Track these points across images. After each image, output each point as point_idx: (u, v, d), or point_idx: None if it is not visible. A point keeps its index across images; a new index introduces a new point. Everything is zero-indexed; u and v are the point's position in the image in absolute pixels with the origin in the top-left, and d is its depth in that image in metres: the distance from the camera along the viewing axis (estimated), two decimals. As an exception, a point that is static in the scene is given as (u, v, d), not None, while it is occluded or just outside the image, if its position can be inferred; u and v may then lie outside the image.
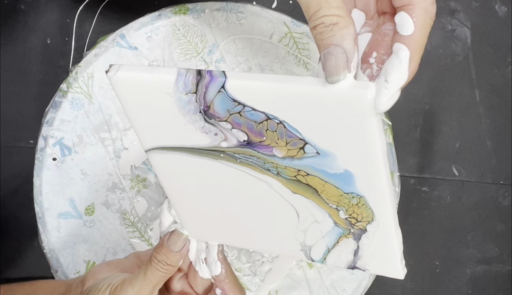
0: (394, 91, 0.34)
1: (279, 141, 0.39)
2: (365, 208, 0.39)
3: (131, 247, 0.59)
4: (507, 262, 0.63)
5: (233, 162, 0.42)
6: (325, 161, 0.38)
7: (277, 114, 0.38)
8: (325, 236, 0.42)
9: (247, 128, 0.40)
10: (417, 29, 0.34)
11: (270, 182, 0.41)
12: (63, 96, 0.58)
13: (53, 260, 0.58)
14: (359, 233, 0.40)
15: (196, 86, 0.40)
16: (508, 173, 0.63)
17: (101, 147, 0.59)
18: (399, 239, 0.41)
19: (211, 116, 0.40)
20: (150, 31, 0.58)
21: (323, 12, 0.35)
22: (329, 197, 0.40)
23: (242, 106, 0.39)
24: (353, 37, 0.34)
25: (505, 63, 0.62)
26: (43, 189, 0.58)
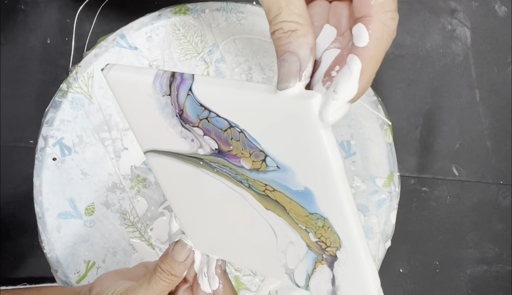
0: (342, 103, 0.33)
1: (243, 152, 0.38)
2: (331, 232, 0.37)
3: (131, 247, 0.59)
4: (507, 262, 0.63)
5: (211, 170, 0.41)
6: (286, 176, 0.37)
7: (237, 122, 0.37)
8: (303, 260, 0.40)
9: (216, 135, 0.39)
10: (372, 41, 0.33)
11: (245, 195, 0.40)
12: (63, 96, 0.58)
13: (53, 260, 0.58)
14: (331, 260, 0.39)
15: (169, 88, 0.39)
16: (508, 173, 0.62)
17: (101, 147, 0.59)
18: (372, 271, 0.38)
19: (186, 121, 0.40)
20: (150, 31, 0.58)
21: (282, 18, 0.34)
22: (297, 216, 0.38)
23: (208, 112, 0.38)
24: (310, 46, 0.34)
25: (505, 63, 0.62)
26: (43, 189, 0.58)
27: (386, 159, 0.59)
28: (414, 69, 0.62)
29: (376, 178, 0.60)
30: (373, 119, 0.59)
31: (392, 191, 0.59)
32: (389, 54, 0.63)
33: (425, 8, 0.62)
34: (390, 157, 0.60)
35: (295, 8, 0.34)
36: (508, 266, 0.63)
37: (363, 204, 0.59)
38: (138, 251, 0.59)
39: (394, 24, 0.34)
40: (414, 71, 0.62)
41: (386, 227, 0.59)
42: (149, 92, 0.40)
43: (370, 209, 0.59)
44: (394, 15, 0.34)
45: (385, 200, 0.59)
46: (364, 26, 0.33)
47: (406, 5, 0.62)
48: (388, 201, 0.59)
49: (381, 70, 0.64)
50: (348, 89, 0.33)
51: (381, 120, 0.59)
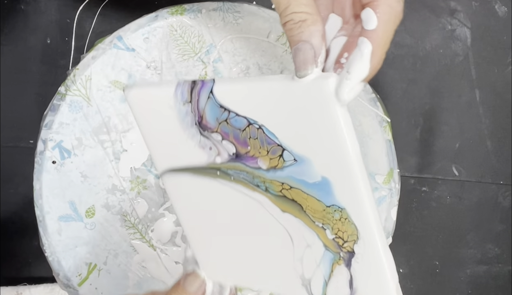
0: (355, 82, 0.35)
1: (261, 150, 0.40)
2: (348, 223, 0.38)
3: (132, 248, 0.59)
4: (507, 262, 0.63)
5: (228, 179, 0.42)
6: (303, 168, 0.38)
7: (256, 117, 0.39)
8: (320, 264, 0.41)
9: (234, 137, 0.40)
10: (380, 24, 0.36)
11: (261, 200, 0.41)
12: (61, 99, 0.58)
13: (55, 263, 0.58)
14: (348, 257, 0.39)
15: (190, 94, 0.41)
16: (508, 173, 0.62)
17: (101, 149, 0.59)
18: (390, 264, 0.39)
19: (205, 128, 0.41)
20: (147, 33, 0.58)
21: (292, 9, 0.36)
22: (314, 213, 0.39)
23: (227, 113, 0.40)
24: (321, 33, 0.36)
25: (505, 63, 0.61)
26: (43, 192, 0.58)
27: (386, 156, 0.59)
28: (414, 69, 0.62)
29: (376, 175, 0.59)
30: (371, 117, 0.59)
31: (392, 188, 0.59)
32: (389, 54, 0.63)
33: (425, 8, 0.61)
34: (390, 153, 0.59)
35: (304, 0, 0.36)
36: (508, 266, 0.63)
37: (363, 201, 0.59)
38: (139, 252, 0.59)
39: (399, 6, 0.37)
40: (414, 71, 0.62)
41: (387, 224, 0.59)
42: (170, 104, 0.42)
43: (370, 206, 0.59)
44: None
45: (385, 197, 0.59)
46: (372, 10, 0.36)
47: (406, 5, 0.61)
48: (389, 197, 0.59)
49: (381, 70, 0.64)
50: (361, 69, 0.36)
51: (380, 118, 0.59)
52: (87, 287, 0.58)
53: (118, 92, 0.58)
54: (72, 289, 0.58)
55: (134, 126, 0.59)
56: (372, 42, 0.36)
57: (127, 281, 0.59)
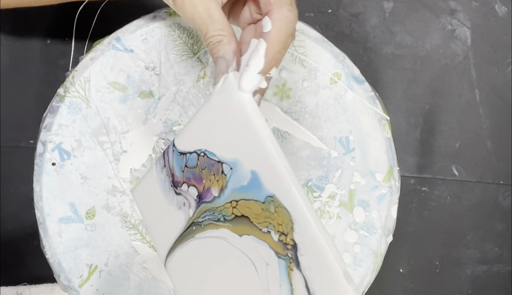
0: (252, 73, 0.43)
1: (210, 177, 0.45)
2: (282, 210, 0.42)
3: (133, 249, 0.59)
4: (507, 262, 0.63)
5: (201, 230, 0.47)
6: (237, 173, 0.43)
7: (201, 146, 0.45)
8: (281, 282, 0.43)
9: (193, 178, 0.46)
10: (273, 27, 0.44)
11: (224, 234, 0.45)
12: (60, 101, 0.57)
13: (56, 265, 0.58)
14: (294, 254, 0.42)
15: (163, 158, 0.48)
16: (508, 173, 0.63)
17: (100, 151, 0.59)
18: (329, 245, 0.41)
19: (176, 184, 0.47)
20: (146, 33, 0.58)
21: (210, 33, 0.46)
22: (258, 218, 0.43)
23: (185, 157, 0.46)
24: (233, 50, 0.46)
25: (505, 63, 0.61)
26: (43, 194, 0.58)
27: (385, 153, 0.59)
28: (414, 69, 0.62)
29: (376, 173, 0.59)
30: (371, 115, 0.59)
31: (392, 186, 0.59)
32: (389, 54, 0.63)
33: (425, 8, 0.61)
34: (389, 151, 0.59)
35: (218, 24, 0.46)
36: (508, 266, 0.63)
37: (363, 199, 0.59)
38: (140, 253, 0.59)
39: (291, 14, 0.44)
40: (414, 71, 0.62)
41: (387, 222, 0.59)
42: (155, 178, 0.49)
43: (370, 204, 0.59)
44: (290, 8, 0.44)
45: (386, 195, 0.59)
46: (268, 17, 0.44)
47: (406, 5, 0.62)
48: (389, 195, 0.59)
49: (381, 70, 0.64)
50: (257, 63, 0.43)
51: (379, 115, 0.59)
52: (88, 289, 0.58)
53: (117, 94, 0.58)
54: (73, 291, 0.58)
55: (133, 127, 0.59)
56: (266, 42, 0.43)
57: (128, 282, 0.59)
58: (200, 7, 0.46)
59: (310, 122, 0.59)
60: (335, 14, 0.65)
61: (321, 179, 0.59)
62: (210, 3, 0.46)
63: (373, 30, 0.64)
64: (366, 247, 0.58)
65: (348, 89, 0.58)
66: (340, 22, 0.65)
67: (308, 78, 0.59)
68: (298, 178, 0.57)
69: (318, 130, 0.59)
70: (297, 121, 0.59)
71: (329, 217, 0.59)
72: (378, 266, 0.58)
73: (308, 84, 0.59)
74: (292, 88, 0.59)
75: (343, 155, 0.59)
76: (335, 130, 0.59)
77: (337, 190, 0.59)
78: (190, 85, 0.59)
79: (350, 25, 0.65)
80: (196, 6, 0.47)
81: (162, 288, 0.59)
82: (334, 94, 0.59)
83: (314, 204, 0.59)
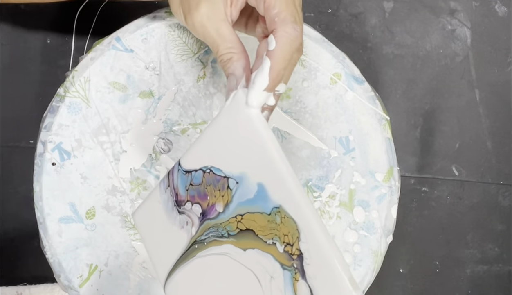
0: (258, 90, 0.44)
1: (215, 193, 0.46)
2: (288, 220, 0.42)
3: (133, 249, 0.59)
4: (507, 262, 0.63)
5: (203, 248, 0.47)
6: (243, 187, 0.44)
7: (207, 162, 0.46)
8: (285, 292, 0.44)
9: (198, 196, 0.47)
10: (278, 45, 0.45)
11: (228, 250, 0.46)
12: (60, 101, 0.57)
13: (56, 265, 0.58)
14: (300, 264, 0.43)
15: (168, 178, 0.49)
16: (508, 173, 0.63)
17: (100, 151, 0.59)
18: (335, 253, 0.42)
19: (180, 204, 0.48)
20: (146, 33, 0.58)
21: (221, 51, 0.48)
22: (263, 231, 0.44)
23: (190, 175, 0.47)
24: (242, 66, 0.47)
25: (505, 63, 0.61)
26: (43, 194, 0.58)
27: (385, 153, 0.59)
28: (414, 69, 0.62)
29: (375, 173, 0.59)
30: (371, 115, 0.59)
31: (392, 186, 0.59)
32: (389, 54, 0.63)
33: (425, 8, 0.61)
34: (389, 151, 0.59)
35: (229, 42, 0.47)
36: (508, 266, 0.63)
37: (363, 199, 0.59)
38: (140, 253, 0.59)
39: (295, 32, 0.45)
40: (414, 71, 0.62)
41: (387, 222, 0.59)
42: (158, 199, 0.50)
43: (370, 204, 0.59)
44: (294, 26, 0.45)
45: (386, 195, 0.59)
46: (273, 36, 0.45)
47: (406, 5, 0.62)
48: (389, 195, 0.59)
49: (381, 70, 0.64)
50: (261, 80, 0.44)
51: (379, 115, 0.59)
52: (88, 288, 0.58)
53: (117, 94, 0.58)
54: (73, 291, 0.58)
55: (133, 127, 0.59)
56: (271, 59, 0.44)
57: (128, 282, 0.59)
58: (209, 28, 0.48)
59: (310, 122, 0.59)
60: (335, 14, 0.65)
61: (321, 179, 0.59)
62: (219, 22, 0.47)
63: (373, 30, 0.64)
64: (366, 247, 0.58)
65: (348, 89, 0.58)
66: (340, 22, 0.65)
67: (308, 78, 0.59)
68: (299, 177, 0.57)
69: (318, 130, 0.59)
70: (297, 121, 0.59)
71: (329, 217, 0.59)
72: (378, 266, 0.58)
73: (308, 84, 0.59)
74: (292, 88, 0.59)
75: (343, 155, 0.59)
76: (335, 130, 0.59)
77: (337, 190, 0.59)
78: (190, 85, 0.59)
79: (350, 25, 0.65)
80: (205, 26, 0.48)
81: (162, 288, 0.59)
82: (334, 94, 0.59)
83: (314, 203, 0.59)
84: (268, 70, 0.44)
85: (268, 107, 0.47)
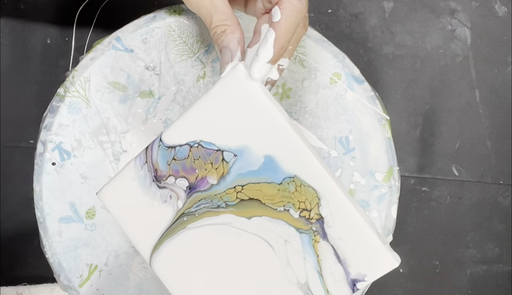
0: (262, 63, 0.43)
1: (206, 166, 0.45)
2: (305, 188, 0.43)
3: (133, 249, 0.59)
4: (507, 262, 0.63)
5: (194, 220, 0.46)
6: (244, 159, 0.44)
7: (195, 137, 0.45)
8: (305, 255, 0.44)
9: (183, 170, 0.46)
10: (283, 17, 0.44)
11: (227, 219, 0.45)
12: (60, 101, 0.57)
13: (56, 265, 0.58)
14: (321, 227, 0.43)
15: (145, 155, 0.47)
16: (508, 173, 0.63)
17: (100, 150, 0.59)
18: (359, 209, 0.43)
19: (160, 179, 0.47)
20: (146, 33, 0.58)
21: (215, 24, 0.47)
22: (272, 200, 0.44)
23: (174, 150, 0.46)
24: (237, 39, 0.46)
25: (505, 63, 0.61)
26: (43, 194, 0.58)
27: (385, 153, 0.59)
28: (414, 69, 0.62)
29: (375, 172, 0.59)
30: (371, 115, 0.59)
31: (392, 186, 0.59)
32: (389, 54, 0.63)
33: (425, 8, 0.61)
34: (389, 151, 0.59)
35: (222, 14, 0.46)
36: (508, 266, 0.63)
37: (363, 199, 0.59)
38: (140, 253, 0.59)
39: (300, 4, 0.44)
40: (414, 71, 0.62)
41: (387, 222, 0.59)
42: (132, 175, 0.48)
43: (370, 204, 0.59)
44: None
45: (386, 195, 0.59)
46: (278, 7, 0.44)
47: (406, 5, 0.62)
48: (389, 195, 0.59)
49: (381, 70, 0.64)
50: (266, 52, 0.43)
51: (379, 115, 0.59)
52: (88, 288, 0.58)
53: (117, 94, 0.58)
54: (73, 290, 0.58)
55: (133, 127, 0.59)
56: (275, 31, 0.44)
57: (128, 282, 0.59)
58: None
59: (310, 122, 0.59)
60: (335, 14, 0.65)
61: (321, 179, 0.59)
62: None
63: (373, 30, 0.64)
64: (366, 247, 0.58)
65: (348, 89, 0.58)
66: (340, 22, 0.65)
67: (308, 78, 0.59)
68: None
69: (318, 130, 0.59)
70: (297, 121, 0.59)
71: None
72: (378, 266, 0.58)
73: (308, 84, 0.59)
74: (292, 88, 0.59)
75: (343, 155, 0.59)
76: (335, 130, 0.59)
77: (337, 190, 0.59)
78: (190, 85, 0.59)
79: (350, 25, 0.65)
80: None
81: (162, 288, 0.59)
82: (334, 94, 0.59)
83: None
84: (272, 41, 0.44)
85: (270, 81, 0.47)
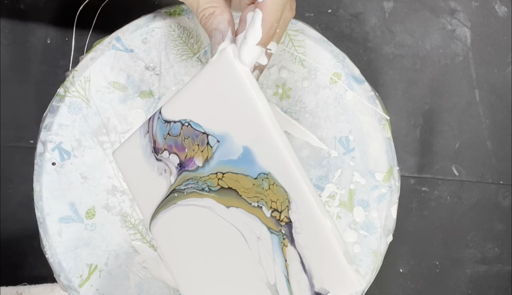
0: (251, 45, 0.42)
1: (194, 147, 0.44)
2: (277, 188, 0.40)
3: (133, 249, 0.59)
4: (507, 262, 0.63)
5: (183, 197, 0.46)
6: (226, 146, 0.43)
7: (186, 116, 0.44)
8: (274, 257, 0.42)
9: (175, 146, 0.46)
10: None
11: (209, 203, 0.44)
12: (60, 101, 0.57)
13: (56, 265, 0.58)
14: (289, 231, 0.41)
15: (148, 124, 0.48)
16: (508, 173, 0.63)
17: (100, 150, 0.59)
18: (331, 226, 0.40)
19: (157, 151, 0.47)
20: (146, 33, 0.58)
21: (202, 6, 0.45)
22: (247, 193, 0.42)
23: (169, 124, 0.46)
24: (227, 20, 0.44)
25: (505, 63, 0.61)
26: (43, 194, 0.58)
27: (385, 153, 0.59)
28: (414, 69, 0.62)
29: (375, 172, 0.59)
30: (370, 115, 0.59)
31: (392, 186, 0.59)
32: (389, 54, 0.63)
33: (425, 8, 0.61)
34: (389, 151, 0.59)
35: None
36: (508, 266, 0.63)
37: (363, 199, 0.59)
38: (140, 253, 0.59)
39: None
40: (414, 71, 0.62)
41: (387, 222, 0.59)
42: (137, 143, 0.48)
43: (370, 204, 0.59)
44: None
45: (386, 195, 0.59)
46: None
47: (406, 5, 0.62)
48: (389, 195, 0.59)
49: (381, 70, 0.64)
50: (254, 34, 0.42)
51: (379, 115, 0.59)
52: (88, 288, 0.58)
53: (117, 93, 0.58)
54: (73, 290, 0.58)
55: (133, 127, 0.59)
56: (262, 11, 0.42)
57: (128, 282, 0.59)
58: None
59: (310, 122, 0.59)
60: (335, 14, 0.65)
61: (321, 179, 0.59)
62: None
63: (373, 30, 0.64)
64: (366, 246, 0.58)
65: (348, 89, 0.58)
66: (340, 22, 0.65)
67: (308, 78, 0.59)
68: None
69: (318, 130, 0.59)
70: (297, 121, 0.59)
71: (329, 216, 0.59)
72: (378, 266, 0.58)
73: (308, 84, 0.59)
74: (292, 88, 0.59)
75: (343, 155, 0.59)
76: (335, 130, 0.59)
77: (337, 190, 0.59)
78: (190, 85, 0.59)
79: (350, 25, 0.65)
80: None
81: (162, 287, 0.59)
82: (334, 94, 0.59)
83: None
84: (260, 22, 0.42)
85: (259, 66, 0.46)
